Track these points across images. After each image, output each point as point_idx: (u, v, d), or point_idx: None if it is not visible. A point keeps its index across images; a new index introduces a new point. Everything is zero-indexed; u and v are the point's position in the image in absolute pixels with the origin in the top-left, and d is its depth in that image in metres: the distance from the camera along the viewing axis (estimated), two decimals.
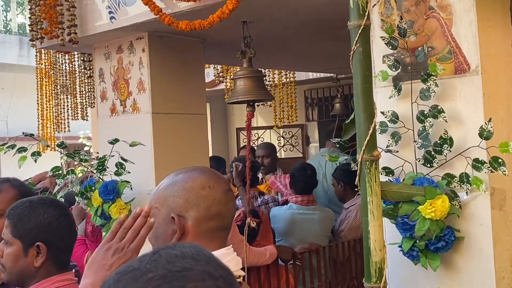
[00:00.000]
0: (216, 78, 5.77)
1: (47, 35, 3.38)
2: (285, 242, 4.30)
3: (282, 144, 7.63)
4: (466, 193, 2.16)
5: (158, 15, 2.89)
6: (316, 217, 4.34)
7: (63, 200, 3.27)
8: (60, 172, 3.33)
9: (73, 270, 2.05)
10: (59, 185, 3.37)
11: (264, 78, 4.57)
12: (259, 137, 7.75)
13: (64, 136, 8.00)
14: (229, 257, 1.47)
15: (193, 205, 1.51)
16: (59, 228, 1.87)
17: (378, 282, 1.92)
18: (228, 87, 5.72)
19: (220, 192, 1.51)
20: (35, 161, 3.22)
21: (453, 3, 2.23)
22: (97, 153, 4.49)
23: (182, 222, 1.49)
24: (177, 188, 1.53)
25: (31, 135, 3.29)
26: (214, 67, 5.67)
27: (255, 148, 6.12)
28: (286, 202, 4.72)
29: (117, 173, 3.21)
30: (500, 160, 2.06)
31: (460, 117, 2.21)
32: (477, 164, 2.10)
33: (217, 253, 1.45)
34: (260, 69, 3.70)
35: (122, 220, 1.49)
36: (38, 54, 5.51)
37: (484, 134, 2.08)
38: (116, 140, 3.22)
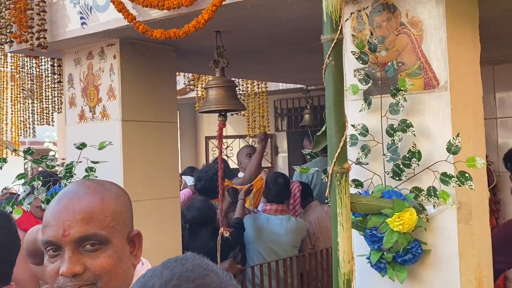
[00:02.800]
0: (187, 86, 5.75)
1: (16, 39, 3.32)
2: (252, 249, 4.32)
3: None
4: (433, 206, 2.19)
5: (132, 23, 2.87)
6: (282, 227, 4.35)
7: (28, 206, 3.21)
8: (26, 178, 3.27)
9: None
10: (24, 191, 3.30)
11: (237, 88, 4.60)
12: (228, 146, 7.74)
13: (29, 141, 7.87)
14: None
15: (132, 217, 1.42)
16: None
17: None
18: (199, 95, 5.71)
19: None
20: (1, 167, 3.15)
21: (423, 19, 2.27)
22: (63, 159, 4.43)
23: (142, 238, 1.40)
24: (123, 201, 1.39)
25: None
26: (185, 75, 5.65)
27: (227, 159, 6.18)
28: None
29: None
30: (467, 175, 2.10)
31: (428, 132, 2.26)
32: (445, 178, 2.14)
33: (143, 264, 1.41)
34: (232, 78, 3.71)
35: None
36: (3, 57, 5.42)
37: (452, 149, 2.12)
38: (84, 145, 3.17)
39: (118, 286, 1.29)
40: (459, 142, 2.11)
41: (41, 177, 3.23)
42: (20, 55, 5.22)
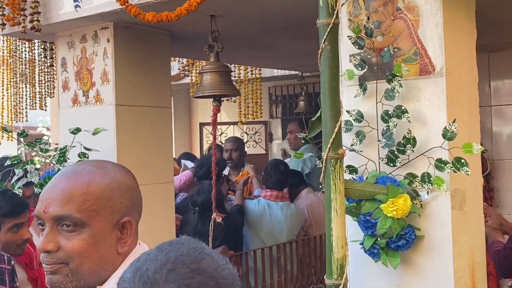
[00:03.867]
0: (182, 72, 5.72)
1: (9, 21, 3.28)
2: (252, 235, 4.35)
3: (245, 140, 7.63)
4: (427, 192, 2.19)
5: (124, 6, 2.84)
6: (282, 213, 4.40)
7: (21, 191, 3.20)
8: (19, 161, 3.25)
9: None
10: (17, 175, 3.29)
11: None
12: (222, 133, 7.73)
13: (23, 126, 7.83)
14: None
15: (137, 205, 1.37)
16: None
17: (339, 278, 1.93)
18: (193, 81, 5.68)
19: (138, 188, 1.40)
20: None
21: (420, 5, 2.26)
22: (56, 144, 4.40)
23: (134, 226, 1.35)
24: (118, 186, 1.34)
25: None
26: (179, 61, 5.62)
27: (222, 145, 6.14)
28: None
29: None
30: (462, 161, 2.10)
31: (423, 118, 2.25)
32: (439, 164, 2.14)
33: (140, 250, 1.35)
34: (226, 64, 3.69)
35: None
36: None
37: (448, 135, 2.11)
38: (78, 130, 3.16)
39: (92, 270, 1.28)
40: (455, 128, 2.11)
41: (34, 161, 3.21)
42: (13, 39, 5.17)
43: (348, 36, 2.34)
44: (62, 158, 3.18)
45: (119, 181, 1.35)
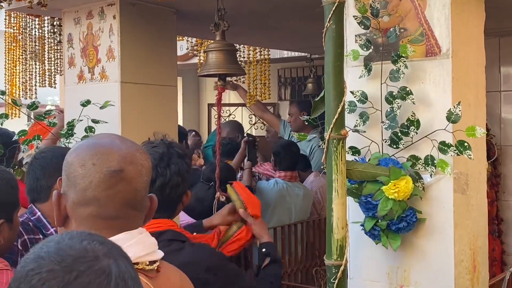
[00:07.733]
0: (190, 52, 5.69)
1: None
2: (270, 215, 4.37)
3: (253, 122, 7.60)
4: (430, 175, 2.17)
5: None
6: (301, 192, 4.48)
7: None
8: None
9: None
10: (23, 151, 3.30)
11: (237, 53, 4.56)
12: (230, 114, 7.71)
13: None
14: (129, 242, 1.25)
15: (72, 183, 1.26)
16: None
17: (339, 259, 1.93)
18: (201, 61, 5.65)
19: (101, 172, 1.25)
20: (1, 124, 3.16)
21: None
22: None
23: (63, 202, 1.28)
24: (66, 159, 1.30)
25: (3, 93, 3.20)
26: (188, 40, 5.59)
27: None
28: None
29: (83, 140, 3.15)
30: (466, 144, 2.08)
31: (428, 100, 2.22)
32: (443, 147, 2.12)
33: (114, 239, 1.22)
34: (232, 43, 3.66)
35: None
36: (7, 17, 5.35)
37: (452, 118, 2.09)
38: (88, 102, 3.15)
39: None
40: (459, 110, 2.08)
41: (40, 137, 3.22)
42: (23, 16, 5.16)
43: (354, 16, 2.31)
44: (70, 132, 3.18)
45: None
